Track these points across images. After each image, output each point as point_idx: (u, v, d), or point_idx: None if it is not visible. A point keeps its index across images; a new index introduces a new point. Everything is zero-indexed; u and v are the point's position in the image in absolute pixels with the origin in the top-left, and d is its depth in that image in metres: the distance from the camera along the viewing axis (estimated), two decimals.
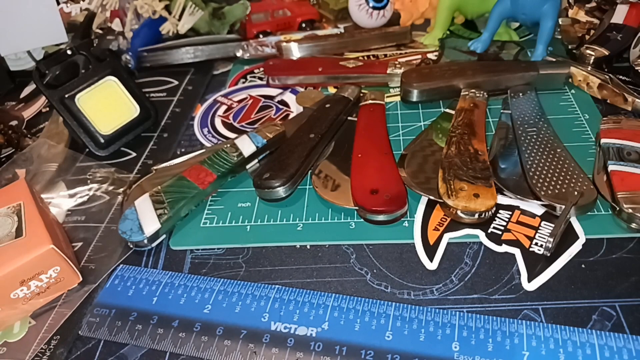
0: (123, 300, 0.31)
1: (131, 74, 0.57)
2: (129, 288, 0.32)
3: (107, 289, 0.33)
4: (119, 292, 0.32)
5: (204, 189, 0.37)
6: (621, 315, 0.28)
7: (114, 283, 0.33)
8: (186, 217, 0.37)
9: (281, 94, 0.52)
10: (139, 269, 0.34)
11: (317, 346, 0.27)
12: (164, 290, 0.32)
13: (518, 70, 0.45)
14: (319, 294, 0.30)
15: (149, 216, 0.34)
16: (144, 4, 0.61)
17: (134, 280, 0.33)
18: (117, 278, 0.33)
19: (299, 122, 0.43)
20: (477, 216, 0.33)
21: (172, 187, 0.36)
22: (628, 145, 0.36)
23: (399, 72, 0.48)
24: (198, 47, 0.58)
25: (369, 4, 0.59)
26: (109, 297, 0.32)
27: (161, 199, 0.35)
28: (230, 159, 0.39)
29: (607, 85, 0.43)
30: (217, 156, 0.39)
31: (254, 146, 0.40)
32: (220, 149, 0.40)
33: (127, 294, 0.32)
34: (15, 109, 0.55)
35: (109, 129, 0.45)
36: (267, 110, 0.49)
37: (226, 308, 0.30)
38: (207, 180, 0.37)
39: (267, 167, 0.38)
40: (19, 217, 0.31)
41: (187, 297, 0.31)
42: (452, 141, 0.38)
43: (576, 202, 0.32)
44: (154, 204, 0.35)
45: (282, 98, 0.51)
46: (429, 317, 0.28)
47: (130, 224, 0.34)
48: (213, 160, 0.38)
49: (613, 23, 0.48)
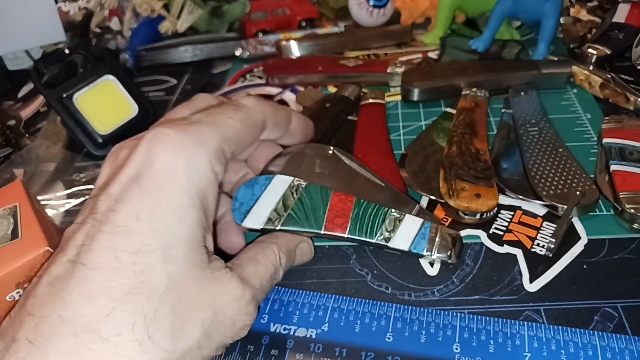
0: None
1: (130, 73, 0.57)
2: None
3: None
4: None
5: (321, 231, 0.30)
6: (623, 316, 0.27)
7: None
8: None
9: (281, 93, 0.51)
10: None
11: (317, 348, 0.27)
12: None
13: (519, 70, 0.45)
14: (319, 295, 0.30)
15: (265, 207, 0.30)
16: (143, 2, 0.61)
17: None
18: None
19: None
20: (479, 216, 0.33)
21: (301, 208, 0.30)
22: (630, 145, 0.36)
23: (399, 71, 0.48)
24: (197, 46, 0.58)
25: (370, 3, 0.58)
26: None
27: (287, 206, 0.30)
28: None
29: (609, 84, 0.43)
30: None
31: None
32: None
33: None
34: (13, 108, 0.55)
35: (108, 129, 0.45)
36: None
37: None
38: (337, 230, 0.30)
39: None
40: (14, 218, 0.31)
41: None
42: (453, 141, 0.38)
43: (578, 203, 0.32)
44: (279, 203, 0.30)
45: (282, 97, 0.51)
46: (430, 319, 0.28)
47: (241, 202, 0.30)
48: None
49: (615, 22, 0.48)
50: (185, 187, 0.22)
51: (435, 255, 0.29)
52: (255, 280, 0.25)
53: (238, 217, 0.30)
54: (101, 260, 0.20)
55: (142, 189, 0.21)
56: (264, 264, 0.26)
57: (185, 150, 0.22)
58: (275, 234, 0.29)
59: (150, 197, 0.21)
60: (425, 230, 0.29)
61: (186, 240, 0.21)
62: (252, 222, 0.30)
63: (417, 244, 0.29)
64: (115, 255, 0.20)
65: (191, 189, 0.22)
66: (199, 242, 0.22)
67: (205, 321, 0.21)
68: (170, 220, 0.21)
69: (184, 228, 0.22)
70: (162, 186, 0.21)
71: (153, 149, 0.22)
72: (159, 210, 0.21)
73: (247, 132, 0.26)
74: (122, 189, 0.22)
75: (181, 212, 0.22)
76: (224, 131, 0.24)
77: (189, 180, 0.22)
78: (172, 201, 0.21)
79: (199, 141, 0.23)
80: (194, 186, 0.22)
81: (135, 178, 0.22)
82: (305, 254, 0.30)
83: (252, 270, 0.25)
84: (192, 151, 0.22)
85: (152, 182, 0.21)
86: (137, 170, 0.22)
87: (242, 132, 0.25)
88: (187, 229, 0.22)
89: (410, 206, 0.31)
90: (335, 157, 0.32)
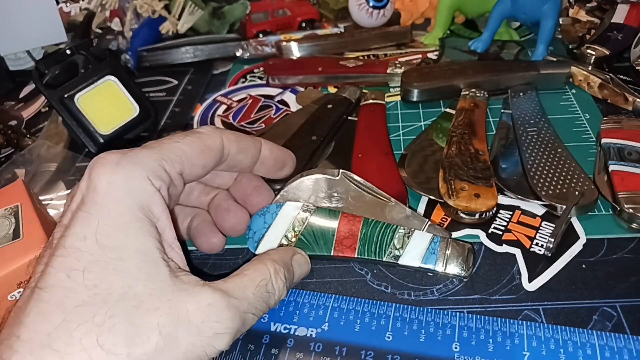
0: None
1: (131, 73, 0.57)
2: None
3: None
4: None
5: (331, 253, 0.31)
6: (622, 316, 0.27)
7: None
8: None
9: (281, 93, 0.51)
10: None
11: (317, 347, 0.27)
12: None
13: (518, 70, 0.45)
14: (319, 295, 0.30)
15: (276, 234, 0.31)
16: (144, 3, 0.61)
17: None
18: None
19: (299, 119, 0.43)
20: (478, 216, 0.33)
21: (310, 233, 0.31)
22: (629, 145, 0.36)
23: (399, 72, 0.48)
24: (198, 47, 0.58)
25: (369, 4, 0.59)
26: None
27: (297, 231, 0.31)
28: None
29: (607, 84, 0.43)
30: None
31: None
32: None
33: None
34: (14, 108, 0.55)
35: (109, 129, 0.45)
36: (267, 110, 0.49)
37: None
38: (347, 252, 0.31)
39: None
40: (16, 218, 0.31)
41: None
42: (453, 141, 0.38)
43: (577, 202, 0.32)
44: (290, 229, 0.31)
45: (282, 98, 0.51)
46: (429, 318, 0.28)
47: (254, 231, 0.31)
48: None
49: (614, 23, 0.48)
50: (126, 203, 0.23)
51: (447, 269, 0.29)
52: (236, 291, 0.24)
53: (251, 246, 0.31)
54: (55, 280, 0.21)
55: (87, 213, 0.23)
56: (250, 277, 0.26)
57: (122, 170, 0.24)
58: (268, 251, 0.30)
59: (95, 218, 0.22)
60: (435, 244, 0.29)
61: (136, 252, 0.22)
62: (264, 250, 0.30)
63: (427, 259, 0.29)
64: (67, 274, 0.21)
65: (132, 205, 0.23)
66: (152, 254, 0.23)
67: (163, 327, 0.21)
68: (117, 236, 0.22)
69: (132, 241, 0.23)
70: (103, 206, 0.23)
71: (93, 174, 0.24)
72: (104, 229, 0.22)
73: (198, 153, 0.27)
74: (71, 216, 0.23)
75: (126, 227, 0.23)
76: (164, 151, 0.25)
77: (128, 197, 0.23)
78: (115, 218, 0.23)
79: (136, 161, 0.24)
80: (135, 201, 0.23)
81: (80, 204, 0.23)
82: (302, 265, 0.30)
83: (236, 282, 0.25)
84: (129, 169, 0.24)
85: (95, 205, 0.23)
86: (82, 196, 0.23)
87: (189, 153, 0.26)
88: (135, 242, 0.23)
89: (419, 222, 0.31)
90: (342, 179, 0.32)
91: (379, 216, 0.31)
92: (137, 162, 0.24)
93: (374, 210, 0.31)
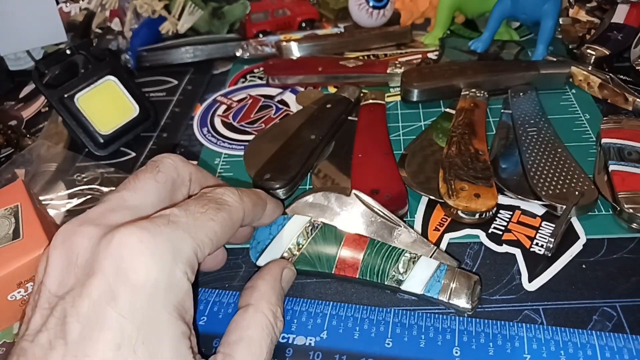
0: None
1: (131, 73, 0.57)
2: None
3: None
4: None
5: (332, 271, 0.30)
6: (622, 316, 0.27)
7: None
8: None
9: (281, 93, 0.51)
10: None
11: (317, 355, 0.27)
12: None
13: (518, 70, 0.45)
14: (317, 302, 0.30)
15: (279, 246, 0.31)
16: (144, 3, 0.61)
17: None
18: None
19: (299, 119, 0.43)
20: (478, 216, 0.33)
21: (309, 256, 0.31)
22: (629, 145, 0.36)
23: (399, 72, 0.48)
24: (197, 47, 0.58)
25: (369, 4, 0.59)
26: None
27: (300, 246, 0.30)
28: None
29: (607, 85, 0.43)
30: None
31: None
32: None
33: None
34: (14, 108, 0.55)
35: (109, 129, 0.45)
36: (267, 110, 0.49)
37: (222, 319, 0.29)
38: (348, 271, 0.30)
39: (268, 167, 0.38)
40: (16, 218, 0.31)
41: None
42: (453, 141, 0.38)
43: (577, 202, 0.32)
44: (293, 243, 0.31)
45: (282, 98, 0.51)
46: (429, 323, 0.28)
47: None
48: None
49: (614, 23, 0.48)
50: (165, 305, 0.21)
51: (451, 299, 0.28)
52: None
53: (253, 256, 0.31)
54: None
55: (121, 317, 0.20)
56: (258, 340, 0.24)
57: (162, 263, 0.21)
58: (255, 279, 0.28)
59: (130, 324, 0.20)
60: (441, 273, 0.28)
61: (170, 356, 0.21)
62: (265, 261, 0.30)
63: (430, 287, 0.28)
64: None
65: (170, 306, 0.21)
66: (184, 353, 0.22)
67: None
68: (152, 342, 0.20)
69: (167, 345, 0.21)
70: (142, 311, 0.20)
71: (125, 258, 0.21)
72: (141, 336, 0.20)
73: (225, 233, 0.25)
74: (95, 309, 0.20)
75: (162, 331, 0.21)
76: (201, 236, 0.23)
77: (166, 297, 0.21)
78: (152, 323, 0.21)
79: (175, 250, 0.22)
80: (173, 302, 0.21)
81: (109, 298, 0.20)
82: (290, 280, 0.29)
83: (244, 354, 0.24)
84: (167, 260, 0.21)
85: (130, 305, 0.20)
86: (110, 285, 0.20)
87: (220, 235, 0.24)
88: (171, 345, 0.21)
89: (427, 248, 0.30)
90: (354, 198, 0.32)
91: (387, 239, 0.30)
92: (176, 252, 0.22)
93: (382, 233, 0.31)
